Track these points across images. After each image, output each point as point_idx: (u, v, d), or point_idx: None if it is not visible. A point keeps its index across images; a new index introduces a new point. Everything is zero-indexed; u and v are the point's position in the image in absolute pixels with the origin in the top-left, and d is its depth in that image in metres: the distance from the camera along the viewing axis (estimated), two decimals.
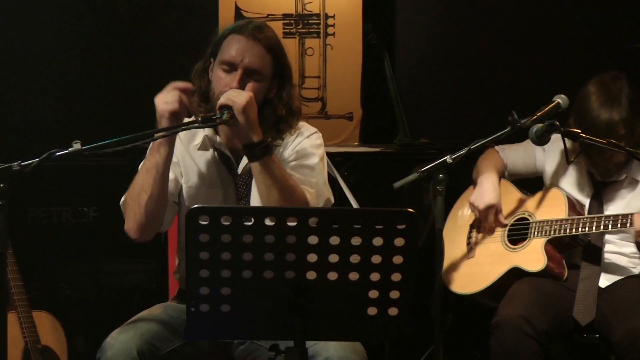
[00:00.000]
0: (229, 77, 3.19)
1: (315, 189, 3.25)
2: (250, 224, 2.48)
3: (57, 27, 5.42)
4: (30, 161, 2.80)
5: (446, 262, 3.99)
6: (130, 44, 5.49)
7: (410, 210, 2.51)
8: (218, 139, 3.31)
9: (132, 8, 5.48)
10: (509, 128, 3.28)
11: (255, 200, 3.25)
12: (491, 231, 3.97)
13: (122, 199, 3.27)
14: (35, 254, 4.50)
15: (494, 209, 3.91)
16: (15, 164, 2.79)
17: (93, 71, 5.47)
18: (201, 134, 3.31)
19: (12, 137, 5.19)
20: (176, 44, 5.31)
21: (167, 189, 3.20)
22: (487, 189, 3.93)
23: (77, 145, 2.83)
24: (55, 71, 5.42)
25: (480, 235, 4.02)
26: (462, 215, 4.13)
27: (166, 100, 3.10)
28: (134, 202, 3.16)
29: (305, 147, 3.32)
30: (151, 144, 3.15)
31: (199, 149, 3.32)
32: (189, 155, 3.33)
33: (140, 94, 5.30)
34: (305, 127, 3.39)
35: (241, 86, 3.16)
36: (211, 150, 3.32)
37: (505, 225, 3.94)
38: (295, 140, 3.33)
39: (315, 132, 3.40)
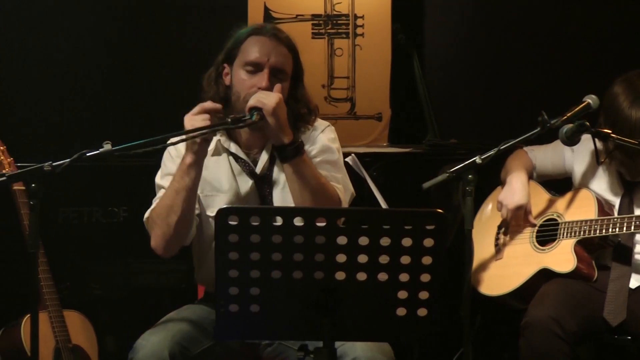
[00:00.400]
0: (255, 78, 3.20)
1: (342, 184, 3.27)
2: (279, 224, 2.49)
3: (86, 27, 5.45)
4: (62, 162, 2.82)
5: (475, 263, 3.97)
6: (159, 45, 5.51)
7: (440, 210, 2.51)
8: (232, 143, 3.32)
9: (160, 8, 5.50)
10: (538, 128, 3.27)
11: (278, 200, 3.26)
12: (520, 231, 3.95)
13: (147, 215, 3.29)
14: (66, 254, 4.52)
15: (523, 208, 3.89)
16: (46, 164, 2.81)
17: (122, 72, 5.49)
18: (213, 139, 3.31)
19: (43, 138, 5.23)
20: (204, 44, 5.32)
21: (194, 208, 3.22)
22: (517, 187, 3.92)
23: (107, 146, 2.85)
24: (86, 72, 5.45)
25: (509, 236, 4.00)
26: (489, 216, 4.12)
27: (195, 120, 3.10)
28: (162, 221, 3.18)
29: (324, 142, 3.33)
30: (180, 165, 3.16)
31: (212, 155, 3.32)
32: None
33: (169, 95, 5.38)
34: (318, 122, 3.40)
35: (271, 85, 3.18)
36: (224, 154, 3.33)
37: (535, 225, 3.92)
38: (311, 135, 3.34)
39: (329, 126, 3.41)
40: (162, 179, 3.32)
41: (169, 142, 3.07)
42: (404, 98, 5.40)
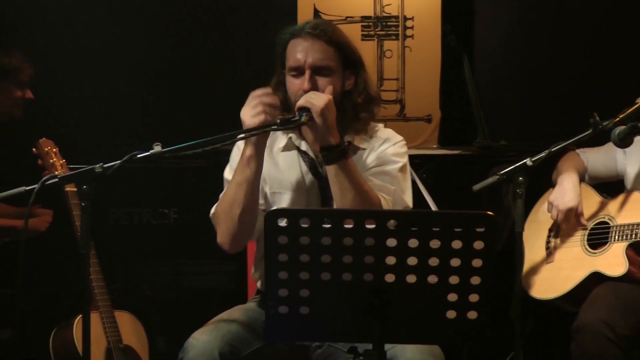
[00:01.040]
0: (299, 81, 3.20)
1: (393, 196, 3.23)
2: (329, 226, 2.48)
3: (135, 27, 5.49)
4: (112, 163, 2.84)
5: (525, 267, 3.94)
6: (209, 45, 5.55)
7: (490, 213, 2.49)
8: (302, 141, 3.32)
9: (211, 9, 5.53)
10: (590, 130, 3.23)
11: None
12: (571, 234, 3.91)
13: (212, 211, 3.29)
14: (117, 255, 4.56)
15: (574, 209, 3.85)
16: (97, 166, 2.83)
17: (172, 72, 5.53)
18: (285, 136, 3.33)
19: (94, 139, 5.27)
20: (255, 45, 5.35)
21: (258, 201, 3.22)
22: (568, 188, 3.88)
23: (157, 148, 2.86)
24: (137, 75, 5.49)
25: (560, 239, 3.96)
26: (541, 219, 4.09)
27: (253, 114, 3.09)
28: (226, 216, 3.18)
29: (388, 153, 3.31)
30: (240, 158, 3.17)
31: (282, 150, 3.33)
32: (271, 161, 3.34)
33: (219, 96, 5.40)
34: (392, 135, 3.39)
35: (312, 86, 3.17)
36: (295, 151, 3.33)
37: (586, 227, 3.88)
38: (381, 147, 3.32)
39: (401, 140, 3.39)
40: (228, 173, 3.33)
41: (218, 144, 3.06)
42: (454, 99, 5.38)
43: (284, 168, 3.31)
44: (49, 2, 5.42)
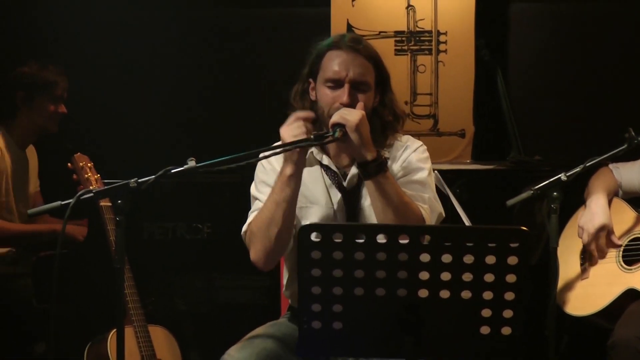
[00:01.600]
0: (336, 93, 3.20)
1: (428, 204, 3.23)
2: (362, 241, 2.48)
3: (171, 45, 5.54)
4: (147, 178, 2.85)
5: (560, 283, 3.92)
6: (244, 61, 5.57)
7: (524, 228, 2.48)
8: (324, 155, 3.32)
9: (246, 25, 5.57)
10: (625, 145, 3.22)
11: (365, 215, 3.24)
12: (604, 253, 3.88)
13: (244, 229, 3.26)
14: (151, 270, 4.58)
15: (604, 231, 3.83)
16: (132, 180, 2.84)
17: (207, 87, 5.56)
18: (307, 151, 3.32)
19: (129, 154, 5.31)
20: (288, 61, 5.36)
21: (294, 220, 3.19)
22: (596, 212, 3.86)
23: (191, 163, 2.87)
24: (171, 90, 5.53)
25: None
26: (575, 235, 4.06)
27: (294, 133, 3.08)
28: (263, 234, 3.15)
29: (413, 161, 3.30)
30: (279, 176, 3.15)
31: (305, 165, 3.30)
32: None
33: (253, 110, 5.42)
34: (410, 141, 3.38)
35: (351, 100, 3.16)
36: (317, 166, 3.33)
37: (619, 246, 3.85)
38: (402, 155, 3.31)
39: (421, 145, 3.37)
40: (257, 191, 3.31)
41: (261, 155, 3.06)
42: (488, 114, 5.36)
43: (308, 183, 3.29)
44: (85, 17, 5.47)
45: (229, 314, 4.81)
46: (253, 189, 3.34)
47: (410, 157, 3.31)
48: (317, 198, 3.29)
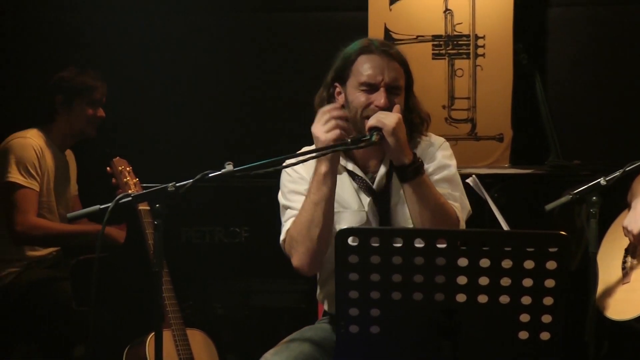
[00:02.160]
0: (372, 96, 3.19)
1: (459, 202, 3.23)
2: (399, 245, 2.48)
3: (209, 49, 5.56)
4: (185, 182, 2.86)
5: (600, 287, 3.88)
6: (281, 65, 5.58)
7: (563, 233, 2.47)
8: (349, 162, 3.31)
9: (283, 30, 5.57)
10: None
11: (397, 215, 3.23)
12: None
13: (282, 237, 3.25)
14: (189, 273, 4.59)
15: None
16: (170, 185, 2.85)
17: (244, 92, 5.58)
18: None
19: (167, 159, 5.34)
20: (325, 65, 5.37)
21: (333, 219, 3.18)
22: None
23: (229, 167, 2.87)
24: (209, 94, 5.55)
25: (636, 259, 3.90)
26: (617, 239, 4.02)
27: (326, 129, 3.08)
28: (305, 237, 3.13)
29: (440, 159, 3.29)
30: (314, 176, 3.14)
31: None
32: None
33: (290, 115, 5.43)
34: (433, 137, 3.37)
35: (388, 103, 3.16)
36: (345, 173, 3.32)
37: None
38: (428, 152, 3.30)
39: (445, 142, 3.37)
40: (288, 200, 3.30)
41: (299, 159, 3.05)
42: (526, 118, 5.33)
43: (337, 189, 3.27)
44: (124, 23, 5.51)
45: (266, 318, 4.82)
46: (282, 199, 3.33)
47: (437, 154, 3.30)
48: (348, 202, 3.29)
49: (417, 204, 3.08)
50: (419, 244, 2.47)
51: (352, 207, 3.28)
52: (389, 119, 3.06)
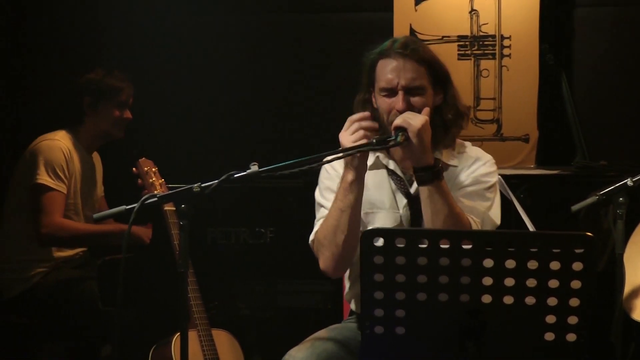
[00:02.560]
0: (391, 100, 3.19)
1: (481, 218, 3.19)
2: (424, 246, 2.47)
3: (234, 50, 5.57)
4: (210, 183, 2.86)
5: (627, 289, 3.86)
6: (307, 67, 5.58)
7: (589, 234, 2.45)
8: (390, 160, 3.31)
9: (309, 30, 5.58)
10: None
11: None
12: None
13: (312, 237, 3.26)
14: (214, 274, 4.60)
15: None
16: (195, 185, 2.85)
17: (269, 92, 5.59)
18: (372, 155, 3.30)
19: (192, 159, 5.35)
20: (350, 66, 5.37)
21: (360, 225, 3.18)
22: None
23: (254, 167, 2.88)
24: (233, 95, 5.56)
25: None
26: None
27: (352, 138, 3.07)
28: (330, 243, 3.14)
29: (480, 173, 3.27)
30: (341, 183, 3.14)
31: (370, 169, 3.28)
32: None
33: (314, 115, 5.43)
34: (481, 154, 3.35)
35: (407, 106, 3.15)
36: (383, 170, 3.32)
37: None
38: (471, 167, 3.29)
39: (490, 159, 3.34)
40: (323, 197, 3.32)
41: (324, 160, 3.05)
42: (552, 119, 5.31)
43: (373, 188, 3.29)
44: (151, 22, 5.53)
45: (291, 318, 4.82)
46: (318, 196, 3.35)
47: (480, 169, 3.28)
48: (383, 203, 3.29)
49: (430, 209, 3.07)
50: (444, 244, 2.46)
51: (386, 208, 3.28)
52: (415, 120, 3.05)
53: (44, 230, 4.43)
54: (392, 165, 3.30)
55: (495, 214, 3.26)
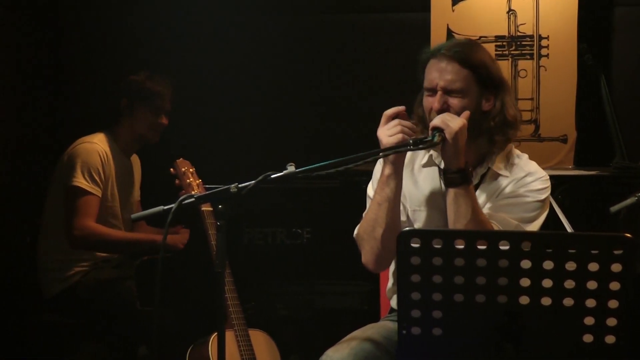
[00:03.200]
0: (432, 100, 3.19)
1: (512, 229, 3.16)
2: (461, 247, 2.47)
3: (270, 51, 5.58)
4: (247, 183, 2.87)
5: None
6: (342, 67, 5.59)
7: (628, 235, 2.43)
8: (442, 160, 3.30)
9: (346, 30, 5.58)
10: None
11: None
12: None
13: (356, 231, 3.28)
14: (251, 274, 4.61)
15: None
16: (232, 186, 2.86)
17: (306, 93, 5.59)
18: (427, 152, 3.31)
19: (229, 160, 5.37)
20: (388, 65, 5.37)
21: (400, 219, 3.20)
22: None
23: (291, 168, 2.88)
24: (271, 96, 5.58)
25: None
26: None
27: (390, 133, 3.08)
28: (369, 236, 3.17)
29: (528, 186, 3.23)
30: (379, 177, 3.16)
31: (424, 166, 3.31)
32: (412, 179, 3.33)
33: (351, 116, 5.43)
34: (536, 169, 3.29)
35: (442, 106, 3.15)
36: (435, 168, 3.31)
37: None
38: (523, 179, 3.25)
39: (545, 176, 3.28)
40: (372, 188, 3.33)
41: (351, 164, 3.06)
42: (591, 119, 5.28)
43: (423, 186, 3.30)
44: (191, 23, 5.57)
45: (328, 319, 4.83)
46: (369, 188, 3.37)
47: (531, 184, 3.23)
48: (430, 201, 3.29)
49: (454, 212, 3.06)
50: (481, 245, 2.46)
51: (434, 206, 3.28)
52: (454, 122, 3.05)
53: (75, 233, 4.46)
54: (443, 164, 3.29)
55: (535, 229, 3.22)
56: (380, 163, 3.32)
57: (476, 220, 3.06)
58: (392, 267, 3.40)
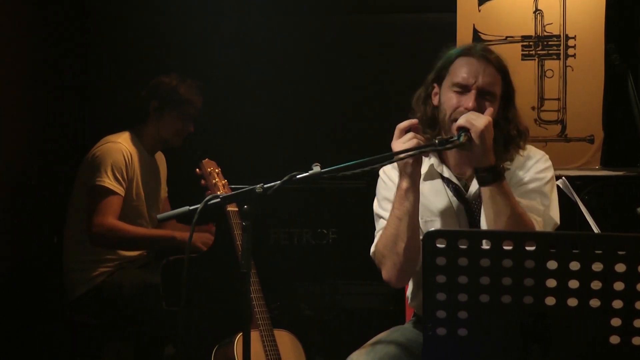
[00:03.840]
0: (462, 98, 3.17)
1: (542, 217, 3.17)
2: (487, 247, 2.46)
3: (295, 53, 5.59)
4: (273, 183, 2.87)
5: None
6: (367, 68, 5.59)
7: None
8: (444, 167, 3.29)
9: (371, 31, 5.58)
10: None
11: (484, 225, 3.20)
12: None
13: (372, 249, 3.26)
14: (277, 275, 4.62)
15: None
16: (258, 186, 2.86)
17: (331, 94, 5.59)
18: (426, 163, 3.29)
19: (255, 160, 5.38)
20: (413, 66, 5.36)
21: (419, 232, 3.17)
22: None
23: (316, 168, 2.88)
24: (296, 97, 5.58)
25: None
26: None
27: (405, 147, 3.05)
28: (391, 252, 3.14)
29: (534, 171, 3.24)
30: (397, 191, 3.14)
31: (424, 180, 3.28)
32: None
33: (378, 116, 5.43)
34: (532, 150, 3.32)
35: (477, 106, 3.14)
36: (439, 179, 3.31)
37: None
38: (525, 164, 3.26)
39: (544, 155, 3.31)
40: (379, 208, 3.32)
41: (377, 165, 3.05)
42: (618, 120, 5.25)
43: (430, 196, 3.28)
44: (217, 24, 5.58)
45: (353, 319, 4.82)
46: (376, 207, 3.34)
47: (534, 166, 3.25)
48: (441, 210, 3.27)
49: (493, 210, 3.05)
50: (507, 246, 2.45)
51: (444, 216, 3.26)
52: (479, 121, 3.03)
53: (94, 230, 4.47)
54: (446, 172, 3.29)
55: (555, 213, 3.23)
56: (382, 180, 3.33)
57: (515, 214, 3.05)
58: (410, 285, 3.39)
